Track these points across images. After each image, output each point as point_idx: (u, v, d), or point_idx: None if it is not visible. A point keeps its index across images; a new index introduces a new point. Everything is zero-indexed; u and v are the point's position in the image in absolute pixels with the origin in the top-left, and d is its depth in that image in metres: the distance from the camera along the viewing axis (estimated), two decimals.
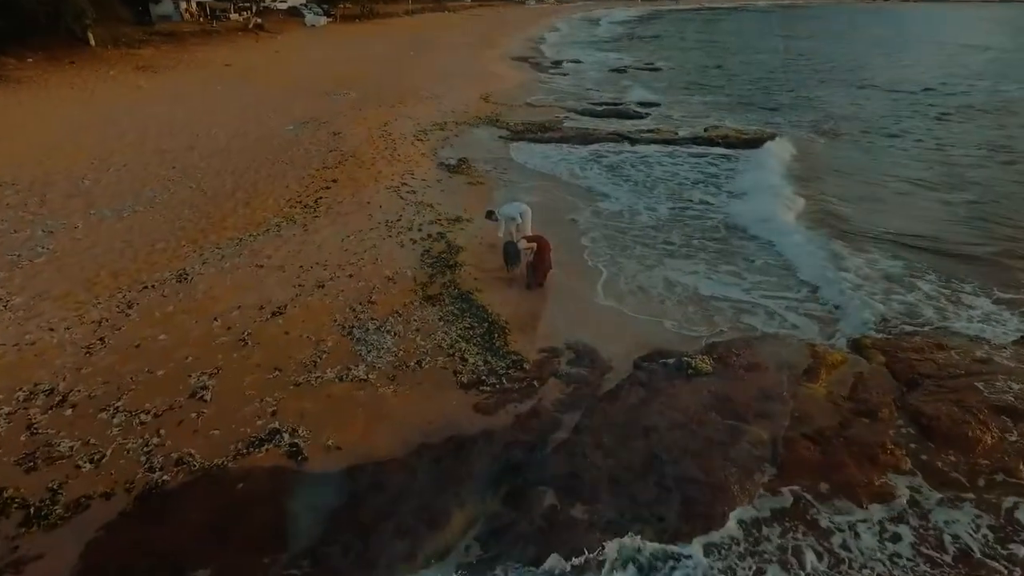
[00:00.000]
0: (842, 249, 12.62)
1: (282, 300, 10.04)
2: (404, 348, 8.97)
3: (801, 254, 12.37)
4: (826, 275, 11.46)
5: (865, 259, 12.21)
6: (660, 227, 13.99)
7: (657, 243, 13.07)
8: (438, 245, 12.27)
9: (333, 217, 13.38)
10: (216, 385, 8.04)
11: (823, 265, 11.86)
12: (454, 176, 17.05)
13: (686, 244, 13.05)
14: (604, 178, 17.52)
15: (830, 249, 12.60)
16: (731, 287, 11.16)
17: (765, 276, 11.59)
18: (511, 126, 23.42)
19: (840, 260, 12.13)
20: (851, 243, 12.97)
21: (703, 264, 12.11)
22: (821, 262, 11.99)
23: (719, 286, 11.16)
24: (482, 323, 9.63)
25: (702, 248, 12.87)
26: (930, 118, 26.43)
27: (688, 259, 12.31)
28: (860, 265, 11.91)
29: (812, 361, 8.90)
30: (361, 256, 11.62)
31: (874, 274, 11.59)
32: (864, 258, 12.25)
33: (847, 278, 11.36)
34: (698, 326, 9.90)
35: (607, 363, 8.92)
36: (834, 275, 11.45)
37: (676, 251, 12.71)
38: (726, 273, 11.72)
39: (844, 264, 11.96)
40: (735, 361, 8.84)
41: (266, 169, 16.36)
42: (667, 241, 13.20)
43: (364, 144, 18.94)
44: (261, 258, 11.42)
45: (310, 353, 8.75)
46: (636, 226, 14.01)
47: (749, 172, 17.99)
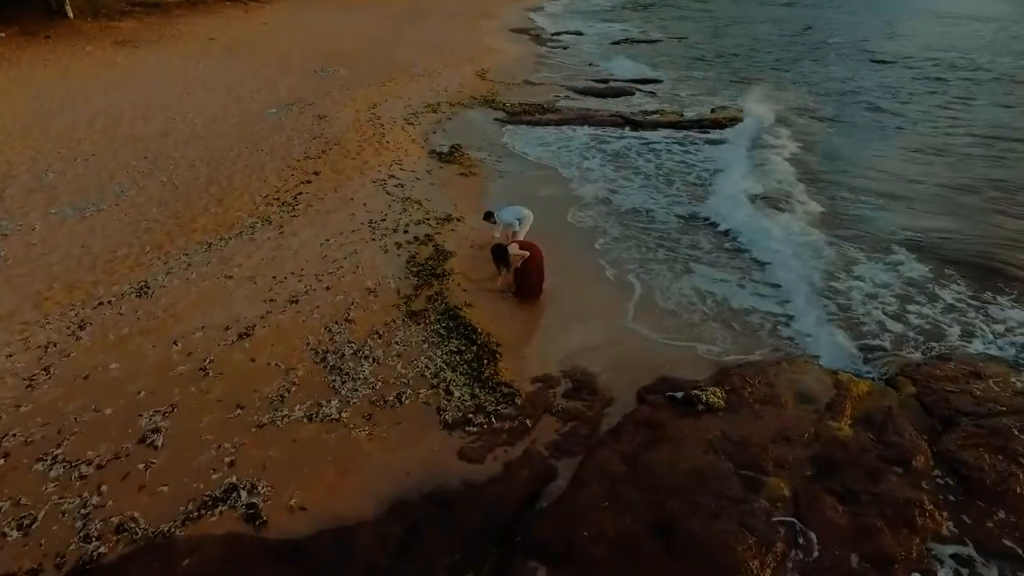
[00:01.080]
0: (856, 252, 11.65)
1: (250, 319, 9.12)
2: (383, 377, 8.08)
3: (800, 259, 11.38)
4: (835, 285, 10.53)
5: (881, 263, 11.25)
6: (659, 230, 12.99)
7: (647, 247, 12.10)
8: (425, 249, 11.30)
9: (313, 216, 12.37)
10: (169, 427, 7.17)
11: (830, 272, 10.91)
12: (446, 166, 15.97)
13: (668, 248, 12.08)
14: (610, 169, 16.37)
15: (843, 253, 11.63)
16: (733, 294, 10.25)
17: (766, 287, 10.65)
18: (508, 107, 22.19)
19: (854, 265, 11.18)
20: (863, 244, 11.98)
21: (695, 274, 11.16)
22: (827, 267, 11.05)
23: (715, 286, 10.24)
24: (471, 346, 8.73)
25: (691, 257, 11.90)
26: (945, 95, 25.11)
27: (668, 263, 11.37)
28: (876, 272, 10.96)
29: (835, 392, 8.02)
30: (340, 264, 10.66)
31: (893, 281, 10.65)
32: (880, 262, 11.30)
33: (860, 288, 10.43)
34: (706, 344, 9.02)
35: (607, 394, 8.05)
36: (845, 285, 10.53)
37: (655, 257, 11.74)
38: (718, 280, 10.78)
39: (857, 271, 11.01)
40: (750, 393, 7.95)
41: (244, 159, 15.27)
42: (662, 244, 12.22)
43: (351, 130, 17.80)
44: (231, 267, 10.47)
45: (278, 385, 7.87)
46: (644, 227, 13.01)
47: (758, 165, 16.88)
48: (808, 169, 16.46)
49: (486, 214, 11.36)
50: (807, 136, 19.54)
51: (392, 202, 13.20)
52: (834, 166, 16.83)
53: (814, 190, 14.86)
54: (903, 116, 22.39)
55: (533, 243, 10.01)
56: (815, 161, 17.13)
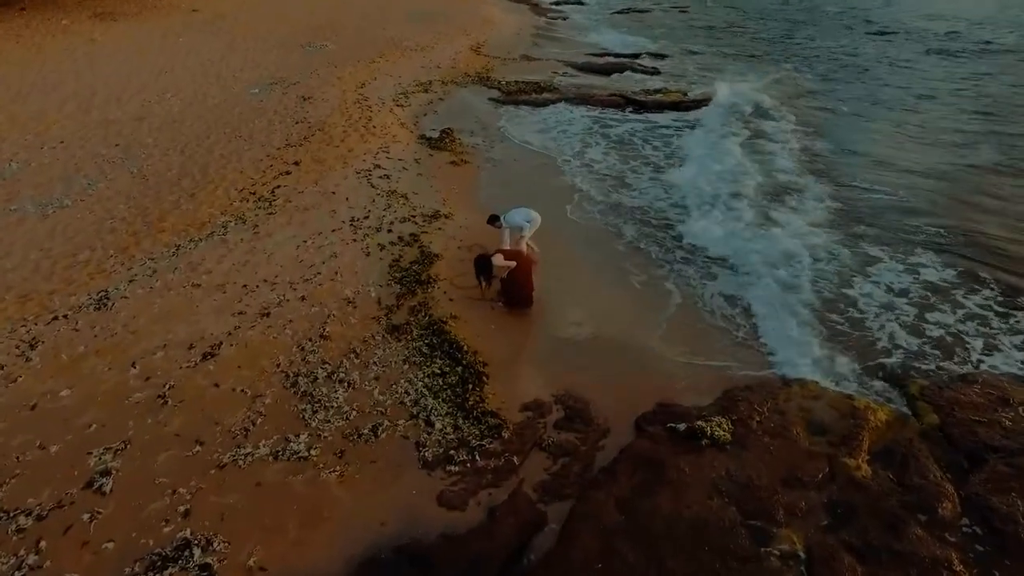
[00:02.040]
0: (871, 253, 10.89)
1: (217, 335, 8.41)
2: (358, 405, 7.41)
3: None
4: (848, 293, 9.81)
5: (899, 265, 10.51)
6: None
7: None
8: (410, 252, 10.54)
9: (290, 214, 11.57)
10: (121, 468, 6.52)
11: (843, 277, 10.18)
12: (435, 153, 15.10)
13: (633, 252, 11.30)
14: (615, 159, 15.44)
15: (857, 254, 10.87)
16: (739, 305, 9.53)
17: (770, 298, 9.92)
18: (503, 86, 21.17)
19: (869, 267, 10.43)
20: (879, 243, 11.21)
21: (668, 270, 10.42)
22: (839, 271, 10.31)
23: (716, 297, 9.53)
24: (455, 367, 8.03)
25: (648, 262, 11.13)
26: (962, 71, 24.00)
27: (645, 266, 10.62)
28: (892, 277, 10.22)
29: (851, 422, 7.35)
30: (318, 269, 9.91)
31: (910, 287, 9.92)
32: (899, 264, 10.55)
33: (874, 296, 9.71)
34: (710, 359, 8.35)
35: (603, 423, 7.38)
36: (859, 291, 9.81)
37: (654, 261, 10.98)
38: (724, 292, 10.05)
39: (873, 274, 10.28)
40: (758, 423, 7.29)
41: (221, 147, 14.40)
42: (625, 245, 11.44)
43: (336, 113, 16.85)
44: (199, 273, 9.72)
45: (242, 415, 7.20)
46: (651, 228, 12.22)
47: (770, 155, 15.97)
48: (816, 156, 15.57)
49: (491, 217, 10.07)
50: (814, 118, 18.56)
51: (376, 196, 12.38)
52: (844, 151, 15.93)
53: (824, 181, 13.99)
54: (911, 91, 21.37)
55: (520, 251, 9.25)
56: (824, 147, 16.22)
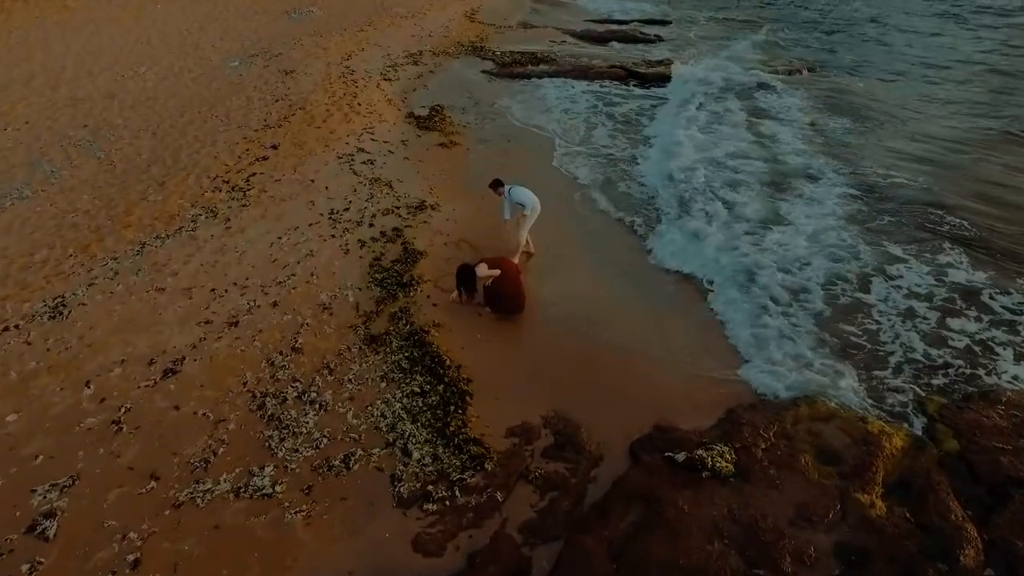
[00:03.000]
0: (892, 250, 10.20)
1: (180, 348, 7.80)
2: (330, 431, 6.83)
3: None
4: (861, 298, 9.15)
5: (923, 264, 9.82)
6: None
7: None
8: (392, 249, 9.85)
9: (265, 206, 10.83)
10: (67, 508, 5.97)
11: (862, 278, 9.51)
12: (424, 133, 14.26)
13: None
14: (623, 143, 14.54)
15: (878, 251, 10.17)
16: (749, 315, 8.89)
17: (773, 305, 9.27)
18: (498, 56, 20.13)
19: (890, 266, 9.75)
20: (900, 239, 10.50)
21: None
22: (858, 271, 9.64)
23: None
24: (436, 385, 7.43)
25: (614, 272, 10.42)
26: (986, 40, 22.82)
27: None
28: (915, 277, 9.54)
29: (864, 449, 6.77)
30: (293, 270, 9.24)
31: (935, 289, 9.26)
32: (922, 262, 9.87)
33: (892, 300, 9.06)
34: (711, 374, 7.75)
35: (595, 450, 6.81)
36: (878, 295, 9.15)
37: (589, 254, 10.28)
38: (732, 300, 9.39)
39: (892, 272, 9.61)
40: (763, 451, 6.71)
41: (195, 128, 13.55)
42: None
43: (319, 89, 15.91)
44: (164, 275, 9.05)
45: (203, 444, 6.63)
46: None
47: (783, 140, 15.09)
48: (827, 136, 14.70)
49: (495, 182, 9.61)
50: (825, 92, 17.58)
51: (358, 185, 11.62)
52: (857, 129, 15.05)
53: (838, 164, 13.18)
54: (931, 60, 20.29)
55: (504, 258, 8.56)
56: (836, 125, 15.34)
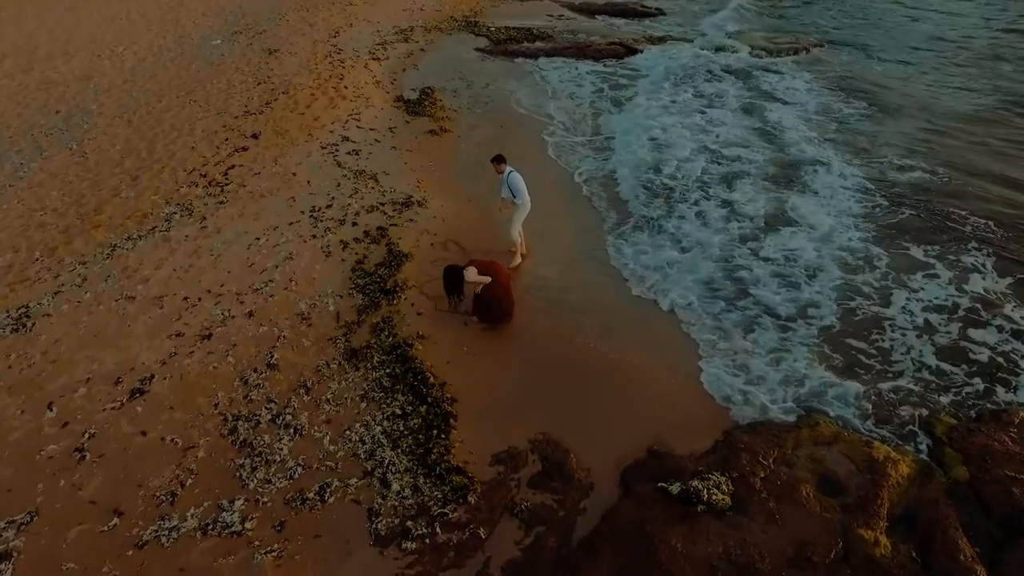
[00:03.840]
0: (912, 254, 9.73)
1: (149, 364, 7.39)
2: (305, 458, 6.46)
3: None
4: (880, 312, 8.73)
5: (946, 270, 9.37)
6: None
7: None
8: (376, 251, 9.38)
9: (244, 203, 10.32)
10: (24, 548, 5.63)
11: (878, 289, 9.08)
12: (413, 119, 13.65)
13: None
14: (637, 137, 13.89)
15: (896, 256, 9.71)
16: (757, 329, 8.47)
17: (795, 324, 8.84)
18: (492, 33, 19.32)
19: (909, 275, 9.30)
20: (921, 241, 10.03)
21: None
22: (874, 282, 9.19)
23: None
24: (419, 406, 7.05)
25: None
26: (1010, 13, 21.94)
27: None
28: (936, 290, 9.10)
29: (869, 478, 6.42)
30: (271, 275, 8.78)
31: (958, 298, 8.83)
32: (946, 267, 9.41)
33: (908, 309, 8.63)
34: (710, 390, 7.36)
35: (585, 478, 6.45)
36: (896, 306, 8.72)
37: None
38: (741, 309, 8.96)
39: (913, 284, 9.16)
40: (762, 481, 6.36)
41: (172, 115, 12.94)
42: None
43: (303, 71, 15.20)
44: (135, 282, 8.60)
45: (170, 474, 6.27)
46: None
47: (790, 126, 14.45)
48: (839, 122, 14.07)
49: (497, 157, 9.08)
50: (836, 72, 16.86)
51: (342, 178, 11.08)
52: (870, 114, 14.42)
53: (849, 154, 12.59)
54: (948, 38, 19.47)
55: (495, 263, 8.10)
56: (848, 110, 14.69)
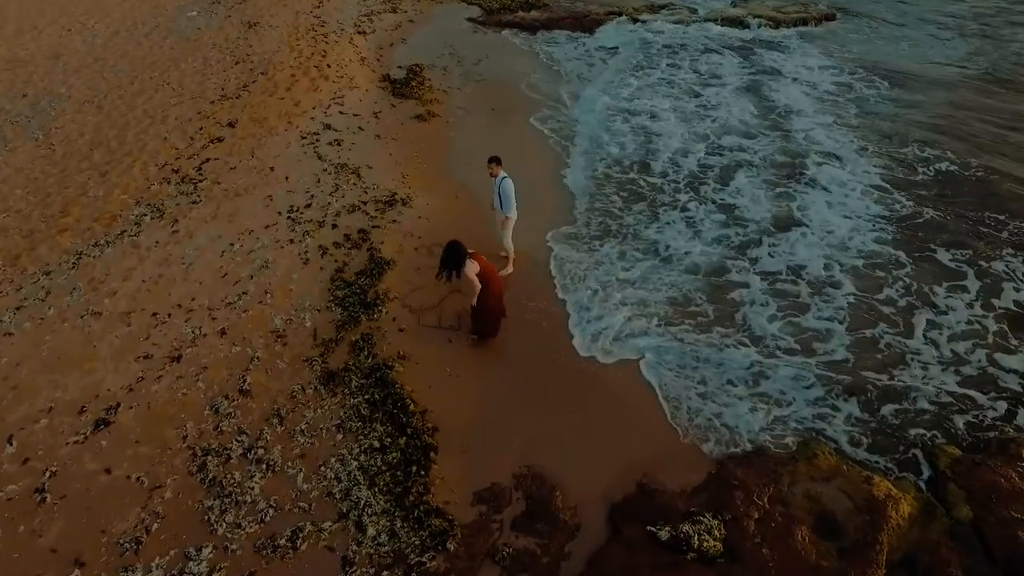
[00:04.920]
0: (941, 252, 9.26)
1: (115, 391, 7.02)
2: (278, 498, 6.15)
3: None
4: (899, 342, 8.31)
5: (974, 280, 8.93)
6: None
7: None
8: (357, 257, 8.91)
9: (218, 202, 9.78)
10: None
11: (901, 308, 8.64)
12: (400, 102, 12.96)
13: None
14: (618, 122, 13.27)
15: (921, 267, 9.23)
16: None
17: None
18: (485, 2, 18.30)
19: (932, 289, 8.85)
20: (942, 243, 9.54)
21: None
22: (896, 299, 8.75)
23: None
24: (398, 437, 6.70)
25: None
26: None
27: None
28: (961, 314, 8.67)
29: (868, 519, 6.11)
30: (245, 287, 8.34)
31: (982, 318, 8.41)
32: (973, 277, 8.97)
33: (936, 325, 8.22)
34: (704, 416, 7.02)
35: (571, 519, 6.15)
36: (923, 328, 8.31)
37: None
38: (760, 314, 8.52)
39: (937, 301, 8.72)
40: (756, 523, 6.06)
41: (144, 100, 12.26)
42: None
43: (284, 48, 14.39)
44: (101, 295, 8.16)
45: (135, 518, 5.96)
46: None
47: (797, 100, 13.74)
48: (854, 103, 13.36)
49: (493, 158, 8.40)
50: (852, 46, 16.00)
51: (323, 173, 10.50)
52: (887, 96, 13.68)
53: (866, 142, 11.94)
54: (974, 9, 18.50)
55: (494, 270, 7.61)
56: (865, 90, 13.93)
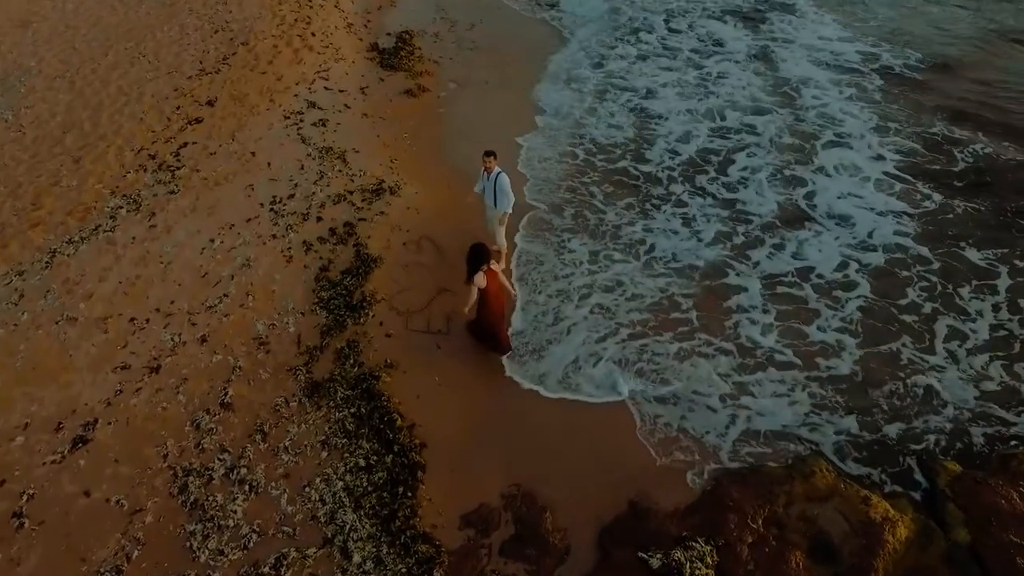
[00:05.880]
0: (969, 250, 8.91)
1: (93, 406, 6.80)
2: (261, 523, 6.01)
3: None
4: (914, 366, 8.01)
5: (1007, 278, 8.60)
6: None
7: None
8: (343, 254, 8.55)
9: (197, 192, 9.35)
10: None
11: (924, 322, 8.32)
12: (388, 75, 12.33)
13: None
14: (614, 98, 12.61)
15: (953, 255, 8.87)
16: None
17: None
18: None
19: (958, 289, 8.52)
20: (972, 240, 9.17)
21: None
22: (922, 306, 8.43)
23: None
24: (385, 454, 6.52)
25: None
26: None
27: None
28: (984, 329, 8.34)
29: (864, 543, 5.99)
30: (226, 288, 8.02)
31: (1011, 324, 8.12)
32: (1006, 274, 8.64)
33: (960, 330, 7.94)
34: (697, 432, 6.83)
35: (560, 542, 6.03)
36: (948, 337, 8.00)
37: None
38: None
39: (964, 305, 8.39)
40: (749, 547, 5.94)
41: (119, 74, 11.63)
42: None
43: (266, 13, 13.62)
44: (77, 298, 7.85)
45: (115, 545, 5.83)
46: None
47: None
48: (871, 76, 12.70)
49: (489, 152, 7.88)
50: (873, 13, 15.15)
51: (307, 158, 10.02)
52: (909, 63, 12.99)
53: (883, 121, 11.38)
54: None
55: (499, 290, 7.19)
56: (885, 56, 13.22)
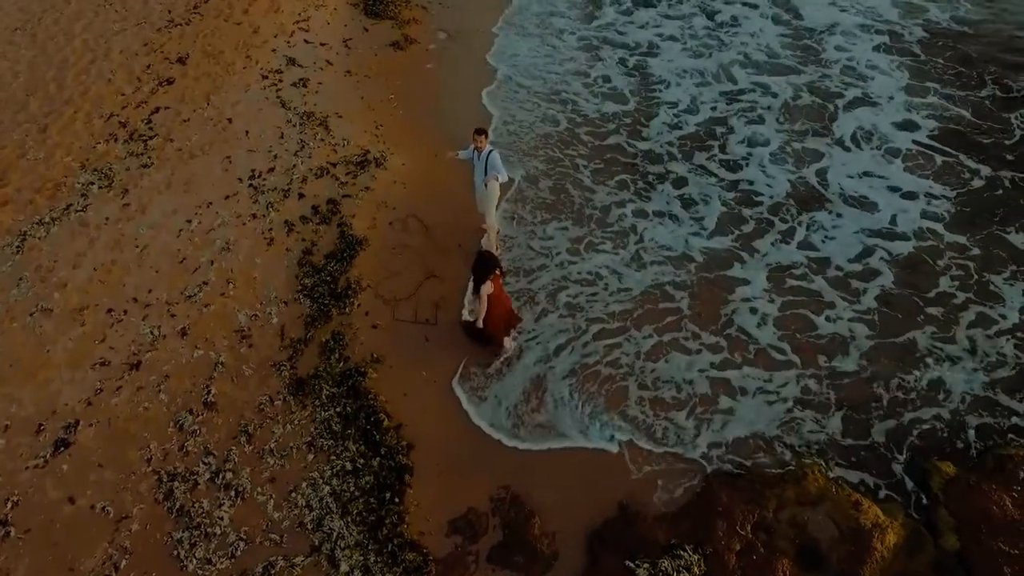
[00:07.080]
0: (1014, 235, 8.52)
1: (73, 406, 6.66)
2: (248, 530, 5.98)
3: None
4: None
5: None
6: None
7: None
8: (327, 234, 8.19)
9: (172, 166, 8.86)
10: None
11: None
12: (373, 25, 11.53)
13: None
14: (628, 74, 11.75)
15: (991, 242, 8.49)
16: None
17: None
18: None
19: (990, 270, 8.17)
20: (1008, 219, 8.77)
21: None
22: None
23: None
24: (372, 457, 6.44)
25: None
26: None
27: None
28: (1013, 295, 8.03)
29: (852, 550, 5.99)
30: (205, 275, 7.71)
31: None
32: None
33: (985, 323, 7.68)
34: (690, 426, 6.74)
35: (549, 548, 6.02)
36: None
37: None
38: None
39: (988, 281, 8.06)
40: (738, 555, 5.95)
41: (84, 25, 10.84)
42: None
43: None
44: (51, 287, 7.56)
45: (102, 553, 5.82)
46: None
47: None
48: (927, 32, 11.85)
49: (480, 129, 7.45)
50: None
51: (287, 125, 9.46)
52: (979, 26, 12.12)
53: (931, 84, 10.69)
54: None
55: (500, 292, 6.85)
56: (938, 18, 12.29)
